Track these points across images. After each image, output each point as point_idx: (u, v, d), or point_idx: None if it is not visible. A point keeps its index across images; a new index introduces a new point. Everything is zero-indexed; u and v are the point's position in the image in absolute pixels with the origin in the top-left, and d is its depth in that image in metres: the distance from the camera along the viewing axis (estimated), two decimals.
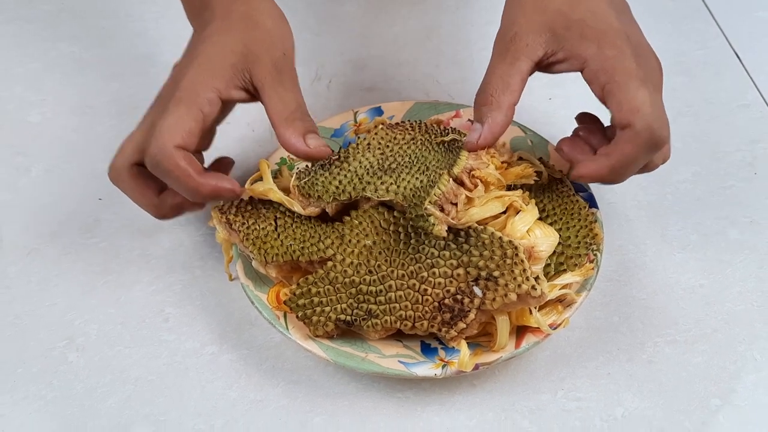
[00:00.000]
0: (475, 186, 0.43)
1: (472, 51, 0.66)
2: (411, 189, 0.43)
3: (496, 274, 0.40)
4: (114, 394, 0.43)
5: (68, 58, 0.67)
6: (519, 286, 0.39)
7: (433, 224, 0.40)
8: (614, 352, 0.44)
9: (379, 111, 0.56)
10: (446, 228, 0.41)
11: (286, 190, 0.47)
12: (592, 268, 0.43)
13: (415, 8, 0.72)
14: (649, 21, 0.65)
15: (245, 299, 0.47)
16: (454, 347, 0.41)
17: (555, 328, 0.41)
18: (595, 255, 0.44)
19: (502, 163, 0.45)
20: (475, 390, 0.43)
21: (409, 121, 0.52)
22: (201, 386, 0.44)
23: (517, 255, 0.40)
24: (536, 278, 0.40)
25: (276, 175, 0.51)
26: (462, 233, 0.42)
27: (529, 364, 0.44)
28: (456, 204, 0.42)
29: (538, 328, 0.41)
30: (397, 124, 0.51)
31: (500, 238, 0.41)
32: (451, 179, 0.42)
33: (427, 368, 0.41)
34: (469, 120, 0.55)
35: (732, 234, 0.50)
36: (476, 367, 0.40)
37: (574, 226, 0.45)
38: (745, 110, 0.59)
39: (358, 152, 0.47)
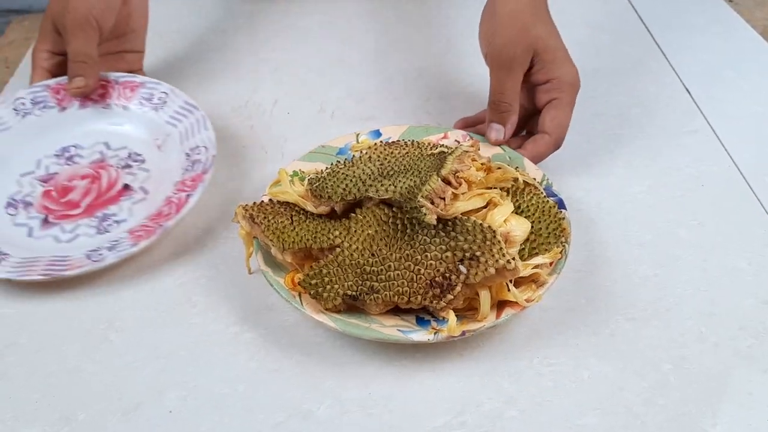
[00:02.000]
0: (460, 184, 0.51)
1: (458, 88, 0.76)
2: (406, 188, 0.51)
3: (477, 253, 0.47)
4: (149, 365, 0.50)
5: None
6: (497, 261, 0.46)
7: (425, 214, 0.48)
8: (581, 327, 0.51)
9: (377, 133, 0.64)
10: (436, 218, 0.49)
11: (299, 196, 0.55)
12: (560, 251, 0.51)
13: (408, 53, 0.82)
14: (608, 62, 0.76)
15: (263, 289, 0.54)
16: (443, 318, 0.48)
17: (530, 303, 0.49)
18: (563, 245, 0.52)
19: (482, 164, 0.53)
20: (462, 359, 0.50)
21: (403, 140, 0.60)
22: (225, 359, 0.50)
23: (494, 237, 0.47)
24: (513, 258, 0.48)
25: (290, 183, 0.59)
26: (449, 223, 0.49)
27: (509, 337, 0.51)
28: (444, 198, 0.50)
29: (515, 302, 0.48)
30: (393, 142, 0.60)
31: (481, 224, 0.48)
32: (439, 179, 0.51)
33: (421, 335, 0.48)
34: (456, 141, 0.63)
35: (681, 233, 0.58)
36: (463, 333, 0.47)
37: (545, 220, 0.53)
38: (693, 134, 0.68)
39: (361, 162, 0.56)
